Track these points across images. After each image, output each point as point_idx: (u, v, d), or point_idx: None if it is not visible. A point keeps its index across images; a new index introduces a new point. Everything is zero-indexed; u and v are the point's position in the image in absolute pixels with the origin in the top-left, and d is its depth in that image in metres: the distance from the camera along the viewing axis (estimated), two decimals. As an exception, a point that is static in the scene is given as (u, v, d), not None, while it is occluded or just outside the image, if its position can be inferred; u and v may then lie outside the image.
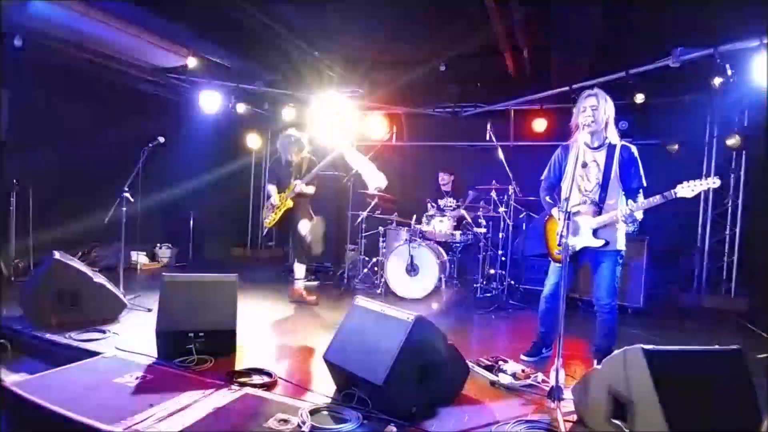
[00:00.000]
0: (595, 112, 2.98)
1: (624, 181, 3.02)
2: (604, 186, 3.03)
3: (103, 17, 4.54)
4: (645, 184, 3.00)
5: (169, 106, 6.69)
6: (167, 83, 6.31)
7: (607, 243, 3.01)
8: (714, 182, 2.74)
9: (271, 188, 5.05)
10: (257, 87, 6.58)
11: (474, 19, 4.59)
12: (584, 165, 3.03)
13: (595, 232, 3.04)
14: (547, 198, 3.33)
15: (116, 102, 6.14)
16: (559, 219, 3.15)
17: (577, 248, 3.11)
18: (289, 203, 4.85)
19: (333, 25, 5.24)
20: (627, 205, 2.93)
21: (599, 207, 3.04)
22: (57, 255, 3.71)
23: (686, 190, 2.75)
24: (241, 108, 6.79)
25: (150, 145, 4.36)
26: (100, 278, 3.85)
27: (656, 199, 2.81)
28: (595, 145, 3.09)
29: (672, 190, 2.78)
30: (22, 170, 5.15)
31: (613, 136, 3.08)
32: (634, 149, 3.05)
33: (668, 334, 4.48)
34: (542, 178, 3.38)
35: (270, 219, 4.93)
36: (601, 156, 3.06)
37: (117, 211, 4.29)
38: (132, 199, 4.32)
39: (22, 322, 3.47)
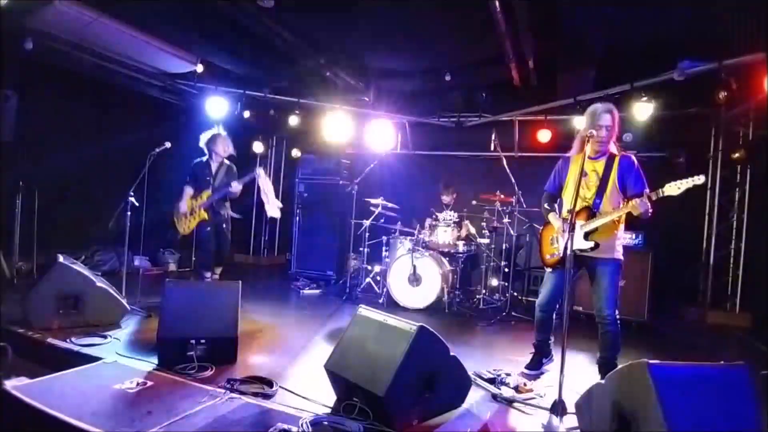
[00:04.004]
0: (610, 131, 3.05)
1: (626, 188, 3.05)
2: (600, 193, 3.07)
3: (114, 22, 4.58)
4: (648, 190, 2.99)
5: (176, 112, 6.73)
6: (175, 89, 6.36)
7: (597, 246, 2.99)
8: (699, 179, 2.74)
9: (188, 192, 4.72)
10: (264, 94, 6.62)
11: (480, 28, 4.61)
12: (584, 174, 3.06)
13: (587, 236, 3.03)
14: (546, 205, 3.39)
15: (123, 106, 6.18)
16: (556, 225, 3.19)
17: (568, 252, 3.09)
18: (204, 215, 4.61)
19: (340, 34, 5.28)
20: (620, 207, 2.95)
21: (593, 212, 3.06)
22: (61, 258, 3.72)
23: (672, 188, 2.76)
24: (248, 114, 6.82)
25: (156, 150, 4.38)
26: (102, 282, 3.85)
27: (644, 200, 2.80)
28: (595, 155, 3.14)
29: (659, 189, 2.79)
30: (28, 173, 5.19)
31: (612, 147, 3.13)
32: (633, 157, 3.09)
33: (673, 349, 4.45)
34: (545, 189, 3.44)
35: (184, 227, 4.65)
36: (600, 165, 3.11)
37: (121, 215, 4.29)
38: (137, 204, 4.31)
39: (24, 326, 3.47)
